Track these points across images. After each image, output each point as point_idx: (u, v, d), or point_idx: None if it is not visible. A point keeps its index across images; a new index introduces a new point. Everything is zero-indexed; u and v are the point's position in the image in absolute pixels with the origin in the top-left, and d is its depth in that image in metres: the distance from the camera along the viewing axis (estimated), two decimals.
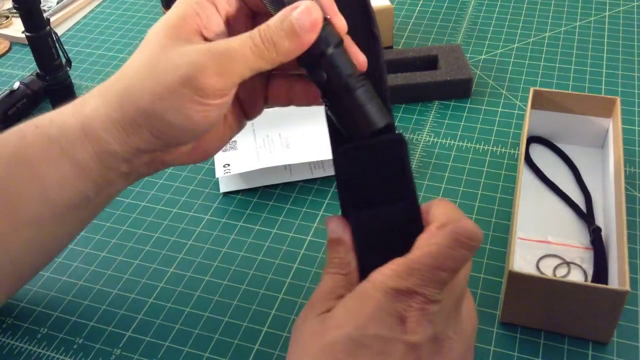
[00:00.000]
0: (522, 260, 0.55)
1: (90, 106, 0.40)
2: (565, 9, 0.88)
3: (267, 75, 0.42)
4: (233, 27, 0.40)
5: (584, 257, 0.55)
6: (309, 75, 0.37)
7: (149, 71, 0.37)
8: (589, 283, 0.51)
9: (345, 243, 0.38)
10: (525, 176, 0.63)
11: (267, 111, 0.45)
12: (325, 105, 0.38)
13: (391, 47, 0.81)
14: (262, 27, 0.36)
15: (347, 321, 0.34)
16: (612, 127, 0.60)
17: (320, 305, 0.36)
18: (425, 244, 0.34)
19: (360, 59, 0.37)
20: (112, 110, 0.38)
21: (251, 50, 0.36)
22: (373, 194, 0.37)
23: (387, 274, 0.34)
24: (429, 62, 0.76)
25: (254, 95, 0.43)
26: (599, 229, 0.56)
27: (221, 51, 0.36)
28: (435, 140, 0.68)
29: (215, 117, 0.38)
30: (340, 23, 0.37)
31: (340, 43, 0.36)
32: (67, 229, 0.44)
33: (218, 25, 0.38)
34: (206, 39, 0.38)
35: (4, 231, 0.42)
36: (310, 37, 0.35)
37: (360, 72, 0.37)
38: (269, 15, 0.37)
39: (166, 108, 0.37)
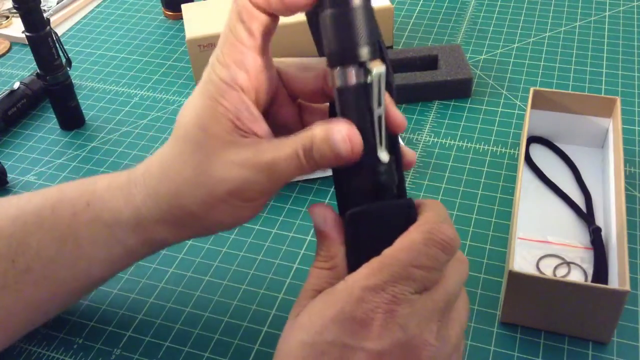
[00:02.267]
0: (522, 260, 0.55)
1: (140, 199, 0.40)
2: (565, 9, 0.88)
3: None
4: (270, 107, 0.40)
5: (584, 257, 0.55)
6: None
7: (198, 181, 0.38)
8: (589, 283, 0.51)
9: (329, 236, 0.37)
10: (525, 176, 0.63)
11: None
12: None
13: (391, 47, 0.81)
14: (307, 144, 0.36)
15: (309, 325, 0.33)
16: (612, 127, 0.60)
17: (302, 302, 0.36)
18: (400, 241, 0.34)
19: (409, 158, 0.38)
20: (163, 212, 0.40)
21: (295, 167, 0.36)
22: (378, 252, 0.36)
23: (361, 272, 0.33)
24: (429, 62, 0.76)
25: None
26: (599, 229, 0.56)
27: (267, 166, 0.36)
28: (435, 140, 0.68)
29: (255, 213, 0.40)
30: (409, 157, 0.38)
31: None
32: (92, 290, 0.49)
33: (250, 114, 0.37)
34: (241, 131, 0.37)
35: (43, 298, 0.44)
36: (350, 161, 0.35)
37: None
38: (307, 95, 0.40)
39: (214, 212, 0.38)
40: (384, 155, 0.35)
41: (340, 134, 0.34)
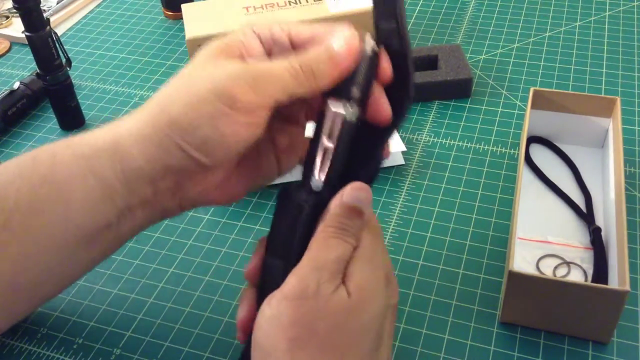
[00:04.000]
0: (522, 260, 0.55)
1: (124, 125, 0.40)
2: (565, 9, 0.88)
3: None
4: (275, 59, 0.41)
5: (584, 257, 0.55)
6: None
7: (184, 83, 0.38)
8: (589, 283, 0.51)
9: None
10: (525, 176, 0.63)
11: None
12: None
13: None
14: (304, 56, 0.37)
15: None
16: (612, 127, 0.60)
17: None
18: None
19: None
20: (144, 125, 0.39)
21: (289, 73, 0.37)
22: (277, 242, 0.39)
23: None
24: (429, 62, 0.76)
25: (292, 146, 0.43)
26: (599, 229, 0.56)
27: (259, 69, 0.37)
28: (435, 140, 0.68)
29: (245, 136, 0.38)
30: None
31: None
32: (87, 255, 0.44)
33: (259, 53, 0.39)
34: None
35: (27, 253, 0.41)
36: (348, 63, 0.36)
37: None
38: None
39: (197, 117, 0.37)
40: (316, 182, 0.38)
41: (339, 40, 0.36)
